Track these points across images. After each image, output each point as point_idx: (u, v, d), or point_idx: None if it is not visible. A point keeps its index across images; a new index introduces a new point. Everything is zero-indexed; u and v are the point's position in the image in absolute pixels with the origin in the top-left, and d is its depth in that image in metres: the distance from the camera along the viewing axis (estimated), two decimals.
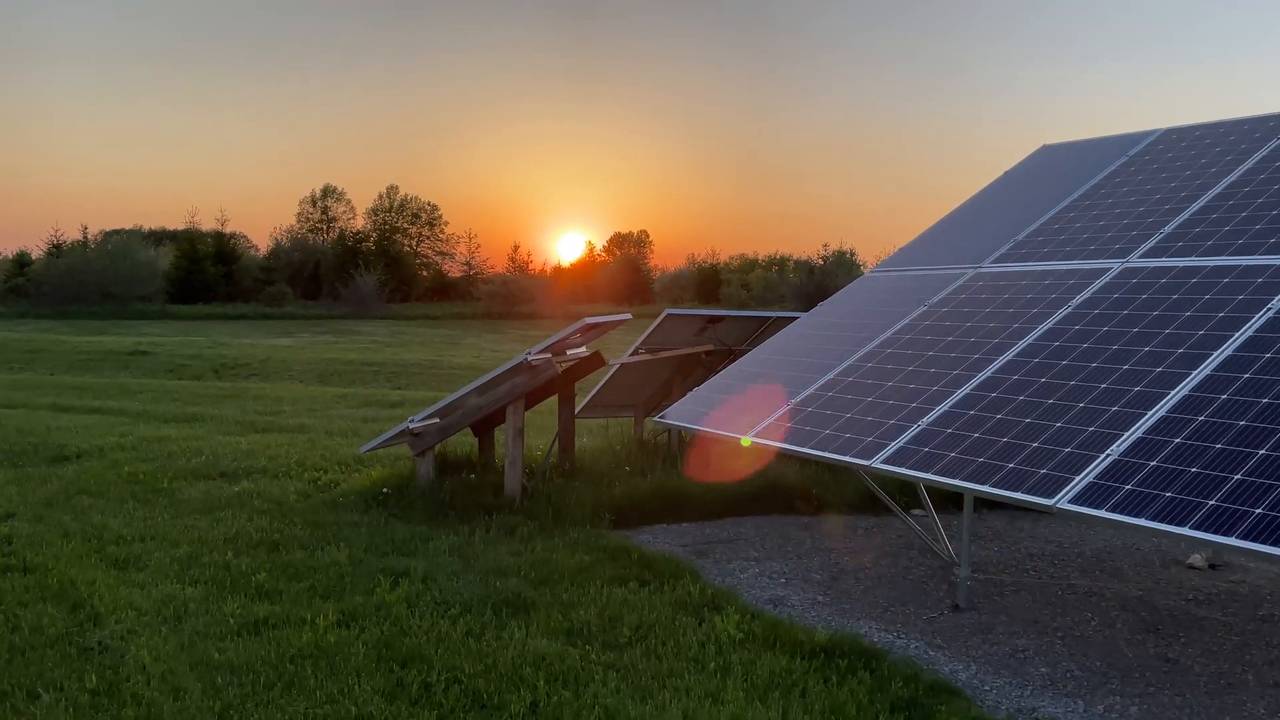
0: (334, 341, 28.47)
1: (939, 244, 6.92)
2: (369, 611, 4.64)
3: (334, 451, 8.88)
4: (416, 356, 22.66)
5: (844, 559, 5.93)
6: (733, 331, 8.22)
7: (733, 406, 5.92)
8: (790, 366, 6.09)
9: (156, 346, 23.28)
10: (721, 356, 8.43)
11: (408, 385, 17.14)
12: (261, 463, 8.31)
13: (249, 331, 32.05)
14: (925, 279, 6.44)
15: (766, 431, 5.41)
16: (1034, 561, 5.97)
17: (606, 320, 7.10)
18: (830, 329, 6.36)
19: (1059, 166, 7.27)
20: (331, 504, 6.83)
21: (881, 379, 5.38)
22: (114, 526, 6.09)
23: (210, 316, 39.63)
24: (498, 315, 44.21)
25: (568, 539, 5.99)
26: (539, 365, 6.74)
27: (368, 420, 11.16)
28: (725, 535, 6.46)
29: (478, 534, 6.07)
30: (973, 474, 4.19)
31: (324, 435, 9.97)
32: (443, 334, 33.50)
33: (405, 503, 6.75)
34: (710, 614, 4.72)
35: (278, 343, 26.84)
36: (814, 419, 5.29)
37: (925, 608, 5.05)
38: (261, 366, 19.84)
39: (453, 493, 6.80)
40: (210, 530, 6.06)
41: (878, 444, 4.77)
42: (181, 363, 20.14)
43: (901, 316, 6.04)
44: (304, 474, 7.88)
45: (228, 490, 7.23)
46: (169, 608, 4.61)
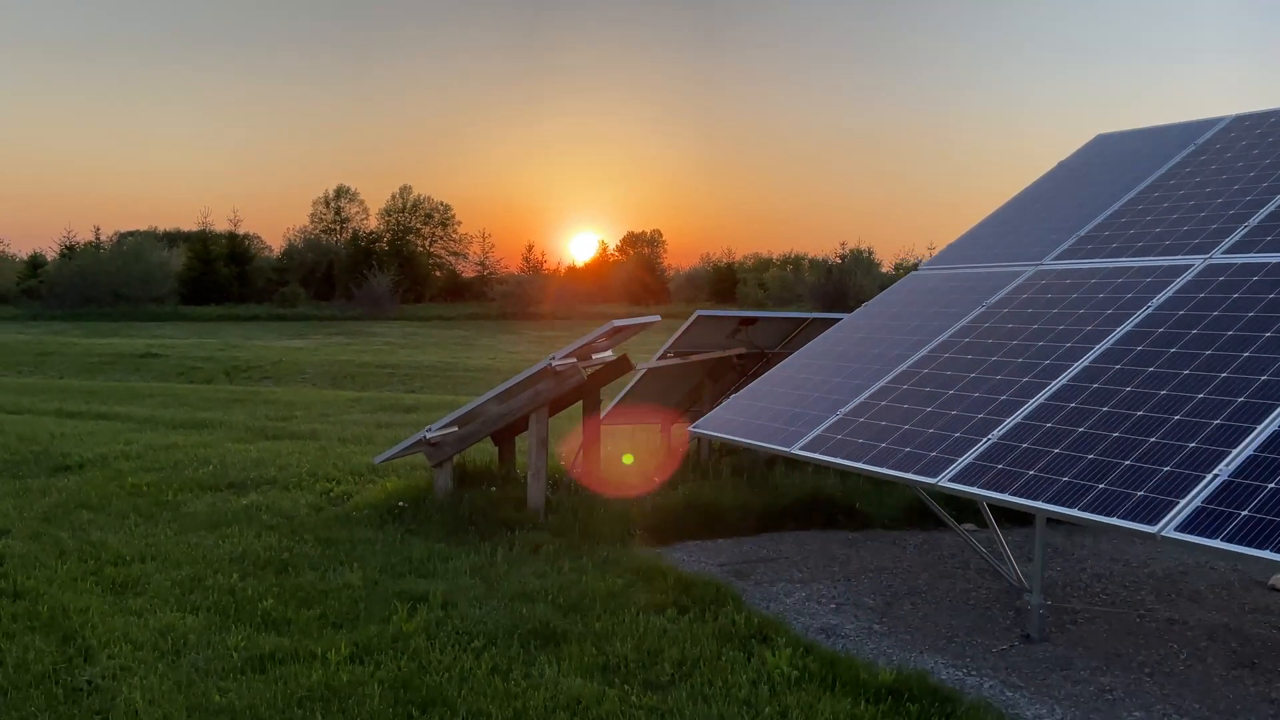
0: (347, 343, 28.17)
1: (993, 239, 6.46)
2: (385, 644, 4.23)
3: (347, 460, 8.49)
4: (431, 358, 22.31)
5: (896, 581, 5.48)
6: (766, 334, 7.79)
7: (775, 415, 5.49)
8: (837, 372, 5.65)
9: (168, 349, 23.01)
10: (753, 360, 7.99)
11: (422, 388, 16.78)
12: (271, 472, 7.93)
13: (262, 333, 31.80)
14: (981, 277, 5.98)
15: (815, 444, 4.97)
16: (1102, 583, 5.51)
17: (634, 323, 6.68)
18: (879, 331, 5.92)
19: (1118, 156, 6.80)
20: (344, 519, 6.44)
21: (941, 387, 4.94)
22: (113, 544, 5.71)
23: (223, 318, 39.43)
24: (512, 316, 43.84)
25: (597, 558, 5.57)
26: (564, 371, 6.33)
27: (382, 426, 10.77)
28: (765, 553, 6.03)
29: (500, 552, 5.66)
30: (1057, 495, 3.74)
31: (337, 442, 9.59)
32: (457, 335, 33.17)
33: (422, 517, 6.35)
34: (759, 647, 4.29)
35: (290, 344, 26.55)
36: (867, 430, 4.85)
37: (993, 638, 4.61)
38: (274, 369, 19.53)
39: (473, 507, 6.39)
40: (215, 549, 5.67)
41: (943, 460, 4.32)
42: (193, 365, 19.84)
43: (958, 318, 5.60)
44: (315, 485, 7.49)
45: (235, 503, 6.84)
46: (167, 640, 4.21)
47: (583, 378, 6.32)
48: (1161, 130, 6.91)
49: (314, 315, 42.17)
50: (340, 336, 31.30)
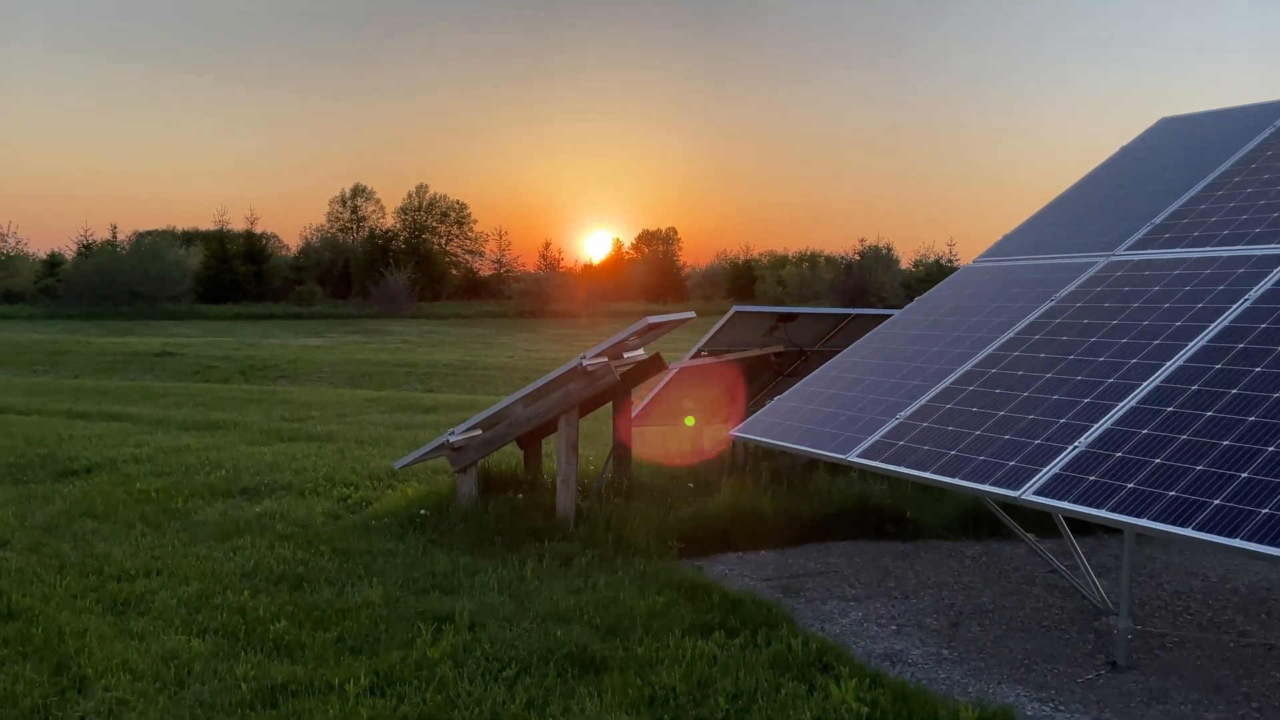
0: (364, 342, 27.89)
1: (1055, 229, 6.01)
2: (408, 673, 3.85)
3: (365, 464, 8.13)
4: (449, 357, 21.97)
5: (959, 598, 5.06)
6: (804, 331, 7.37)
7: (826, 419, 5.07)
8: (892, 372, 5.22)
9: (183, 347, 22.78)
10: (791, 359, 7.57)
11: (441, 387, 16.43)
12: (286, 477, 7.57)
13: (278, 331, 31.57)
14: (1047, 269, 5.54)
15: (874, 450, 4.55)
16: (1183, 601, 5.07)
17: (669, 319, 6.28)
18: (936, 328, 5.49)
19: (1187, 140, 6.34)
20: (363, 528, 6.06)
21: (1013, 388, 4.50)
22: (117, 558, 5.35)
23: (239, 316, 39.25)
24: (530, 314, 43.50)
25: (634, 572, 5.17)
26: (595, 371, 5.93)
27: (400, 428, 10.41)
28: (813, 567, 5.61)
29: (529, 565, 5.27)
30: (1174, 513, 3.31)
31: (354, 444, 9.22)
32: (475, 333, 32.85)
33: (445, 527, 5.97)
34: (820, 677, 3.88)
35: (307, 343, 26.29)
36: (933, 436, 4.42)
37: (1075, 665, 4.18)
38: (290, 368, 19.23)
39: (498, 515, 6.00)
40: (226, 562, 5.30)
41: (1024, 470, 3.90)
42: (209, 364, 19.57)
43: (1024, 314, 5.16)
44: (332, 491, 7.12)
45: (248, 511, 6.48)
46: (170, 669, 3.84)
47: (615, 378, 5.92)
48: (1233, 112, 6.44)
49: (331, 314, 41.97)
50: (357, 335, 31.04)
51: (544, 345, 27.26)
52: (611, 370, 5.93)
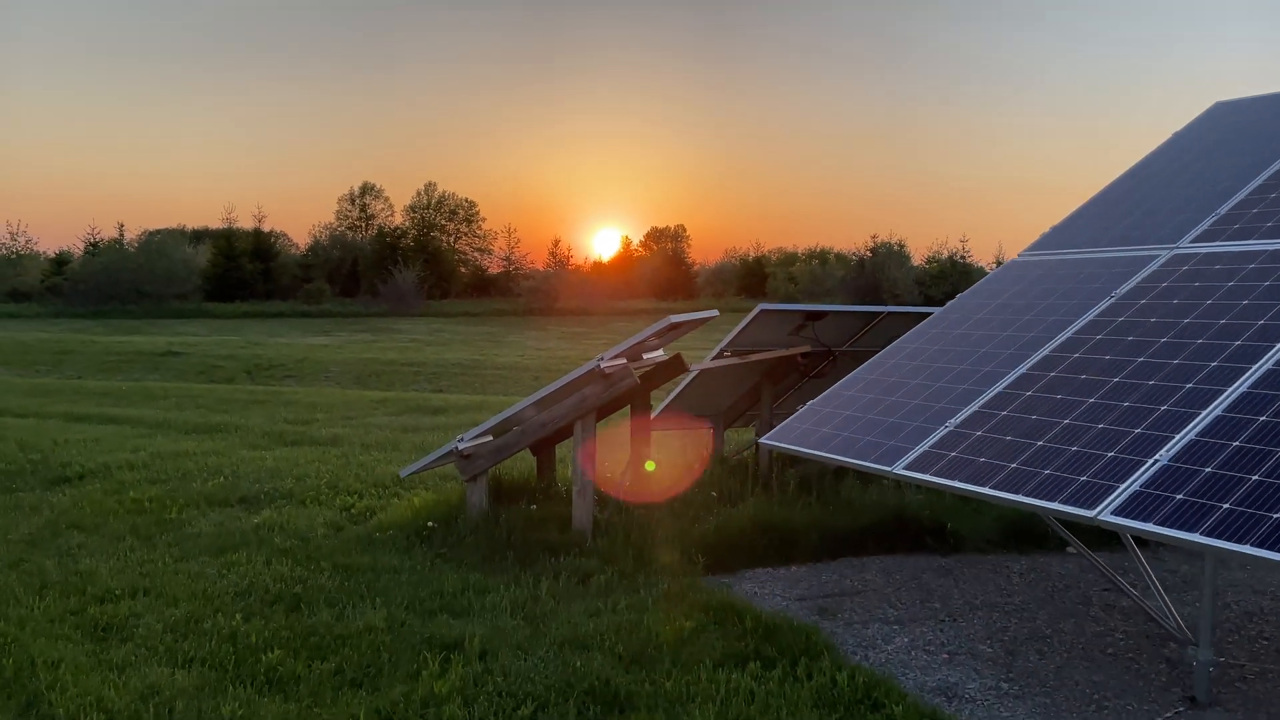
0: (372, 340, 27.57)
1: (1107, 220, 5.60)
2: (412, 711, 3.47)
3: (370, 470, 7.76)
4: (458, 356, 21.62)
5: (1011, 621, 4.65)
6: (833, 330, 6.96)
7: (866, 426, 4.67)
8: (938, 375, 4.81)
9: (189, 347, 22.48)
10: (818, 360, 7.17)
11: (450, 387, 16.07)
12: (288, 484, 7.21)
13: (286, 330, 31.29)
14: (1102, 264, 5.13)
15: (923, 462, 4.15)
16: (1255, 624, 4.66)
17: (692, 318, 5.89)
18: (983, 328, 5.08)
19: (1245, 126, 5.91)
20: (366, 541, 5.69)
21: (1077, 394, 4.10)
22: (103, 575, 4.99)
23: (247, 315, 38.97)
24: (539, 312, 43.13)
25: (657, 592, 4.79)
26: (614, 374, 5.54)
27: (408, 430, 10.04)
28: (849, 584, 5.21)
29: (544, 583, 4.89)
30: (1271, 538, 2.90)
31: (359, 449, 8.86)
32: (484, 332, 32.51)
33: (454, 540, 5.59)
34: (871, 716, 3.49)
35: (315, 342, 25.98)
36: (990, 447, 4.02)
37: (1150, 700, 3.77)
38: (297, 367, 18.90)
39: (511, 528, 5.62)
40: (219, 580, 4.94)
41: (1098, 487, 3.49)
42: (214, 364, 19.26)
43: (1082, 311, 4.74)
44: (335, 499, 6.75)
45: (245, 522, 6.12)
46: (149, 708, 3.47)
47: (635, 381, 5.53)
48: None
49: (339, 312, 41.68)
50: (365, 334, 30.73)
51: (554, 344, 26.89)
52: (630, 373, 5.55)
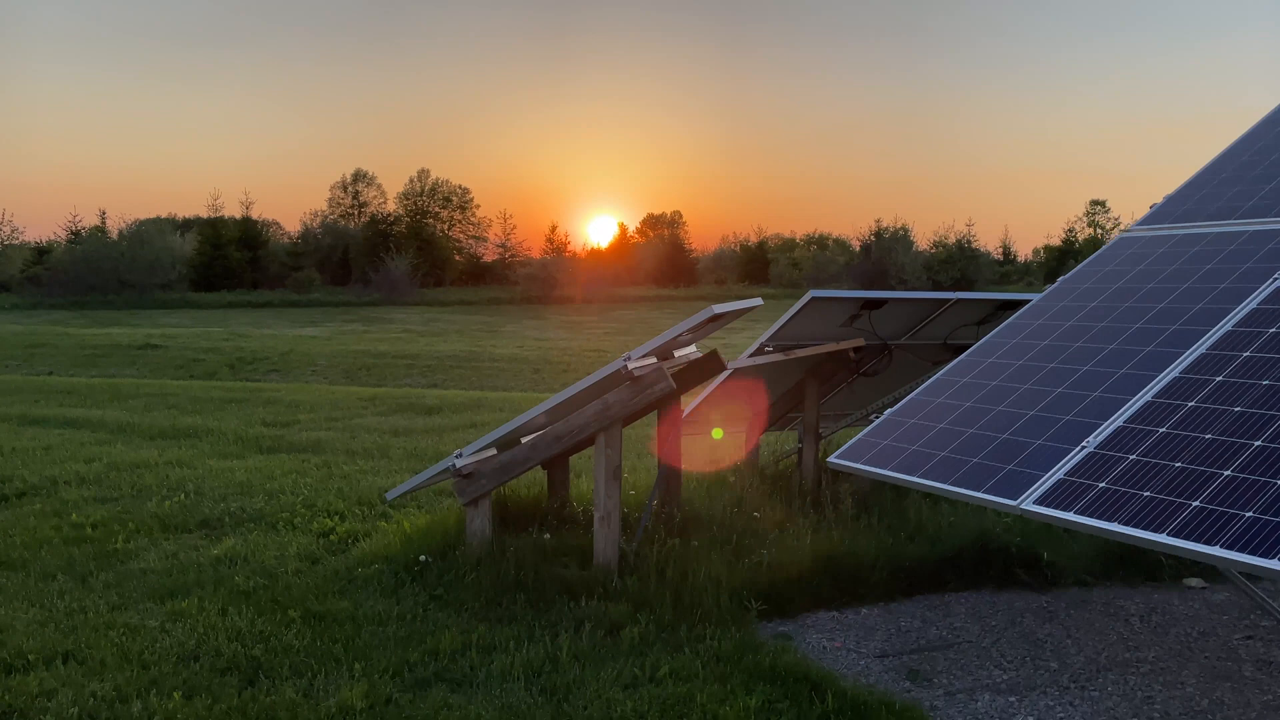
0: (363, 331, 26.54)
1: (1243, 186, 4.62)
2: None
3: (355, 484, 6.79)
4: (453, 347, 20.62)
5: (1155, 685, 3.71)
6: (891, 320, 6.00)
7: (967, 445, 3.70)
8: (1052, 379, 3.85)
9: (170, 339, 21.45)
10: (872, 354, 6.21)
11: (445, 382, 15.08)
12: (258, 503, 6.24)
13: (273, 321, 30.22)
14: (1252, 239, 4.15)
15: (1061, 496, 3.18)
16: None
17: (735, 308, 4.91)
18: (1103, 318, 4.11)
19: None
20: (346, 578, 4.74)
21: (1262, 406, 3.13)
22: (18, 633, 4.02)
23: (234, 305, 37.85)
24: (537, 300, 42.05)
25: (706, 651, 3.84)
26: (645, 377, 4.57)
27: (399, 434, 9.06)
28: (936, 633, 4.26)
29: (565, 639, 3.94)
30: None
31: (344, 457, 7.88)
32: (480, 321, 31.48)
33: (451, 578, 4.63)
34: None
35: (302, 333, 24.95)
36: (1151, 476, 3.06)
37: None
38: (283, 360, 17.89)
39: (520, 562, 4.66)
40: (160, 638, 3.97)
41: None
42: (195, 357, 18.24)
43: (1238, 298, 3.78)
44: (312, 522, 5.79)
45: (203, 554, 5.15)
46: None
47: (670, 386, 4.56)
48: None
49: (329, 301, 40.56)
50: (356, 324, 29.68)
51: (555, 333, 25.88)
52: (665, 375, 4.57)
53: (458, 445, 8.46)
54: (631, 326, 28.32)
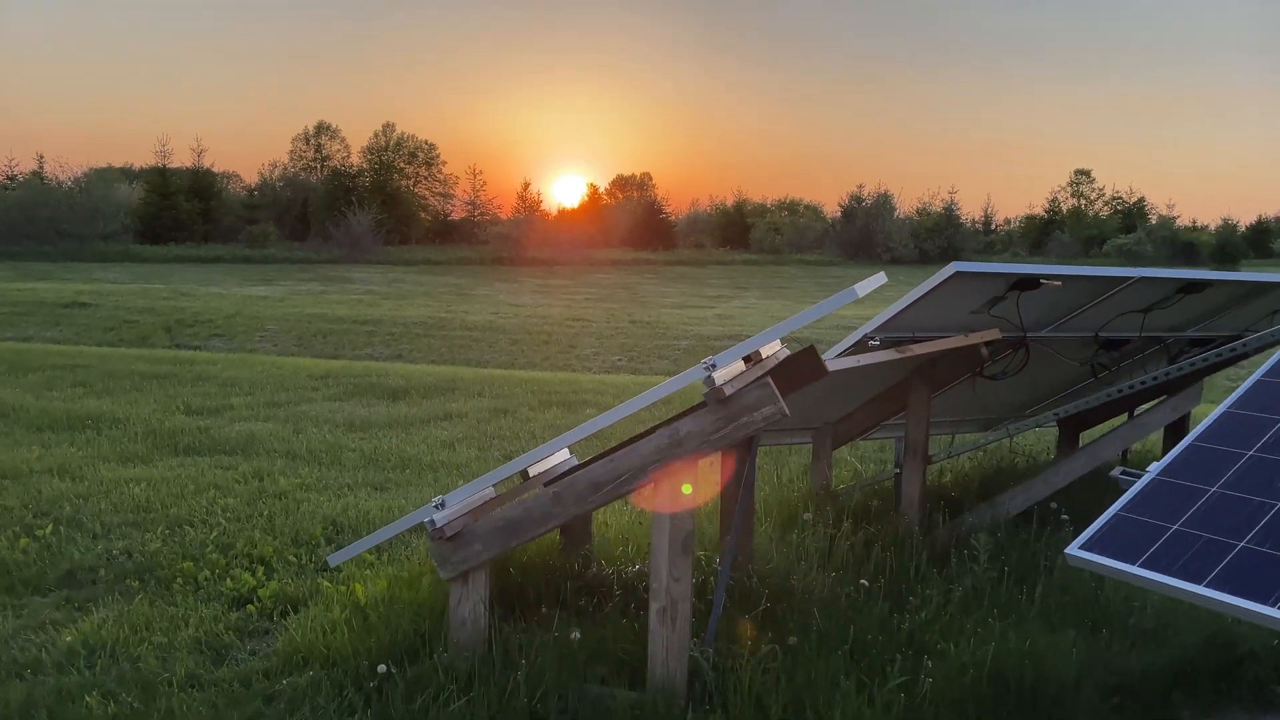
0: (321, 291, 24.48)
1: None
2: None
3: (292, 509, 5.06)
4: (421, 312, 18.72)
5: None
6: (1037, 304, 4.33)
7: None
8: None
9: (102, 296, 19.32)
10: (1004, 349, 4.56)
11: (412, 353, 13.27)
12: (153, 543, 4.50)
13: (223, 277, 27.98)
14: None
15: None
16: None
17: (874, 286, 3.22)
18: None
19: None
20: (263, 695, 3.05)
21: None
22: None
23: (181, 259, 35.29)
24: (508, 261, 39.90)
25: None
26: (743, 396, 2.88)
27: (355, 428, 7.30)
28: None
29: None
30: None
31: (283, 462, 6.13)
32: (448, 282, 29.46)
33: (428, 702, 2.94)
34: None
35: (253, 292, 22.86)
36: None
37: None
38: (228, 324, 15.94)
39: (535, 677, 2.99)
40: None
41: None
42: (127, 318, 16.21)
43: None
44: (224, 579, 4.07)
45: (53, 643, 3.41)
46: None
47: (781, 410, 2.87)
48: None
49: (286, 257, 38.09)
50: (313, 283, 27.54)
51: (531, 298, 24.01)
52: (774, 396, 2.88)
53: (428, 443, 6.75)
54: (613, 292, 26.51)
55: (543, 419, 7.76)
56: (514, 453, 6.61)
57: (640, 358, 13.41)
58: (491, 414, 7.94)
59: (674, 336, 15.51)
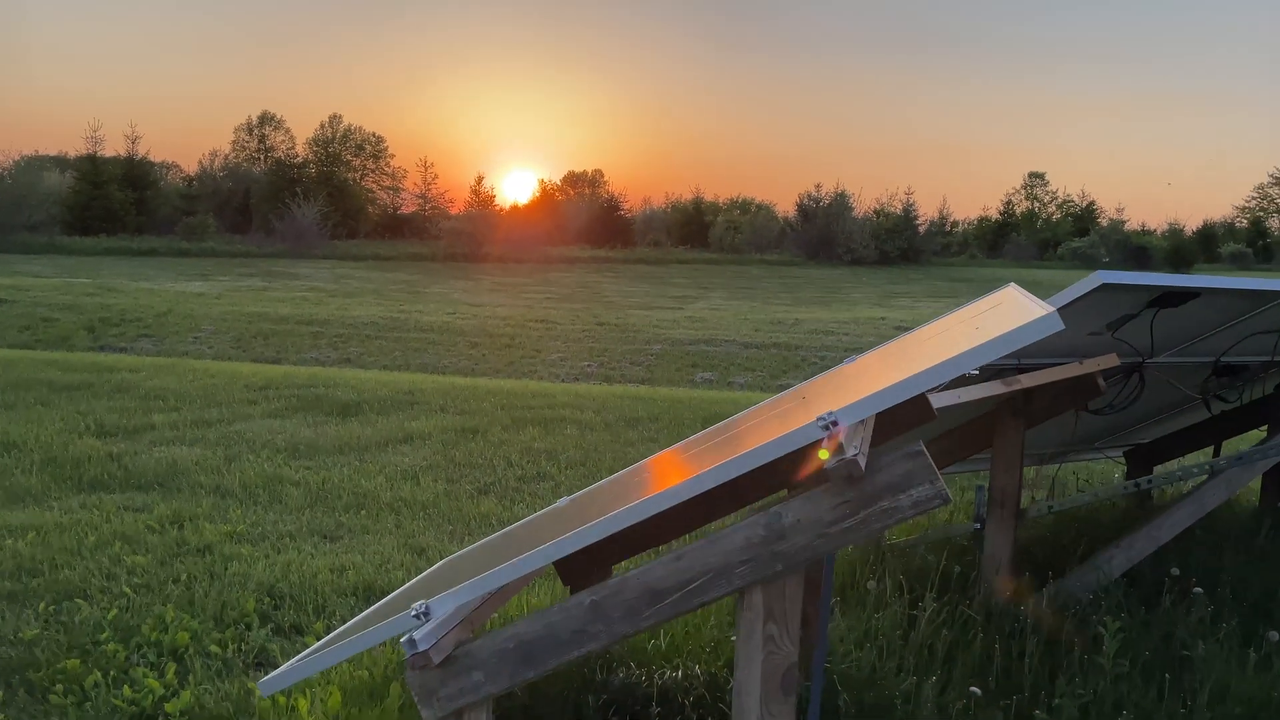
0: (263, 288, 23.07)
1: None
2: None
3: (219, 573, 4.02)
4: (371, 312, 17.53)
5: None
6: (1170, 324, 3.47)
7: None
8: None
9: (19, 292, 17.79)
10: (1117, 375, 3.70)
11: (362, 357, 12.15)
12: (30, 627, 3.45)
13: (156, 272, 26.34)
14: None
15: None
16: None
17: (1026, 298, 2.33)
18: None
19: None
20: None
21: None
22: None
23: (111, 251, 33.35)
24: (462, 258, 38.51)
25: None
26: (887, 479, 1.94)
27: (299, 454, 6.23)
28: None
29: None
30: None
31: (210, 501, 5.06)
32: (399, 279, 28.14)
33: None
34: None
35: (189, 288, 21.41)
36: None
37: None
38: (158, 323, 14.64)
39: None
40: None
41: None
42: (46, 316, 14.81)
43: None
44: (122, 682, 3.05)
45: None
46: None
47: (944, 496, 1.94)
48: None
49: (225, 251, 36.29)
50: (255, 279, 26.05)
51: (489, 297, 22.87)
52: (928, 472, 1.95)
53: (387, 473, 5.72)
54: (574, 292, 25.49)
55: (519, 441, 6.77)
56: (490, 485, 5.61)
57: (611, 364, 12.46)
58: (459, 435, 6.93)
59: (645, 340, 14.57)
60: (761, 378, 11.96)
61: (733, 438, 2.65)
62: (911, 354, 2.44)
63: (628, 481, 2.97)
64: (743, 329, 16.45)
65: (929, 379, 2.00)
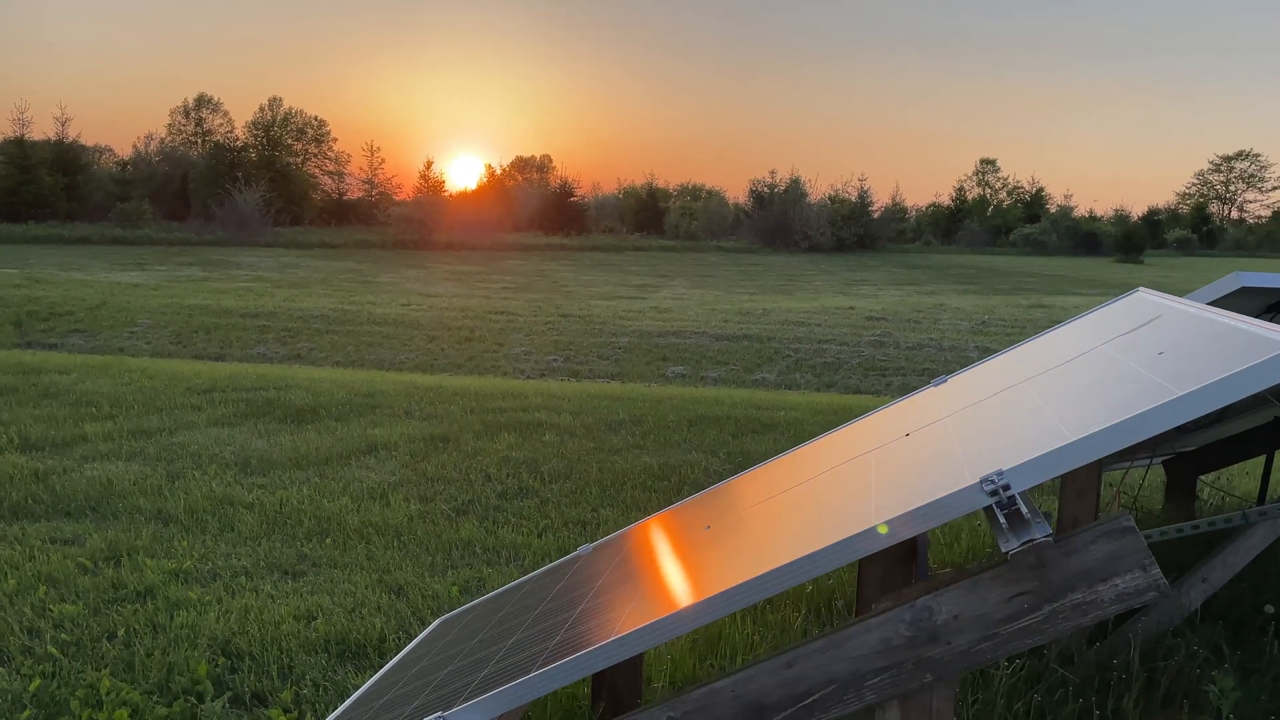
0: (203, 278, 22.03)
1: None
2: None
3: (162, 623, 3.42)
4: (320, 303, 16.71)
5: None
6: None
7: None
8: None
9: None
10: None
11: (313, 353, 11.42)
12: None
13: (88, 261, 25.06)
14: None
15: None
16: None
17: None
18: None
19: None
20: None
21: None
22: None
23: (40, 239, 31.82)
24: (412, 245, 37.48)
25: None
26: (1082, 564, 1.44)
27: (250, 470, 5.59)
28: None
29: None
30: None
31: (152, 528, 4.43)
32: (348, 268, 27.18)
33: None
34: None
35: (123, 279, 20.32)
36: None
37: None
38: (91, 317, 13.71)
39: None
40: None
41: None
42: None
43: None
44: None
45: None
46: None
47: (1158, 586, 1.46)
48: None
49: (162, 239, 34.85)
50: (194, 268, 24.92)
51: (443, 286, 22.10)
52: (1139, 553, 1.46)
53: (352, 492, 5.14)
54: (532, 280, 24.81)
55: (494, 450, 6.21)
56: (468, 504, 5.05)
57: (579, 358, 11.90)
58: (428, 444, 6.34)
59: (611, 333, 14.04)
60: (735, 371, 11.51)
61: (820, 484, 2.14)
62: (1058, 387, 1.95)
63: (681, 531, 2.45)
64: (711, 320, 15.99)
65: (1139, 427, 1.50)
